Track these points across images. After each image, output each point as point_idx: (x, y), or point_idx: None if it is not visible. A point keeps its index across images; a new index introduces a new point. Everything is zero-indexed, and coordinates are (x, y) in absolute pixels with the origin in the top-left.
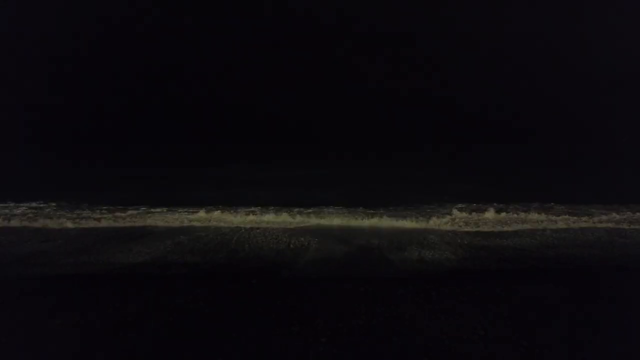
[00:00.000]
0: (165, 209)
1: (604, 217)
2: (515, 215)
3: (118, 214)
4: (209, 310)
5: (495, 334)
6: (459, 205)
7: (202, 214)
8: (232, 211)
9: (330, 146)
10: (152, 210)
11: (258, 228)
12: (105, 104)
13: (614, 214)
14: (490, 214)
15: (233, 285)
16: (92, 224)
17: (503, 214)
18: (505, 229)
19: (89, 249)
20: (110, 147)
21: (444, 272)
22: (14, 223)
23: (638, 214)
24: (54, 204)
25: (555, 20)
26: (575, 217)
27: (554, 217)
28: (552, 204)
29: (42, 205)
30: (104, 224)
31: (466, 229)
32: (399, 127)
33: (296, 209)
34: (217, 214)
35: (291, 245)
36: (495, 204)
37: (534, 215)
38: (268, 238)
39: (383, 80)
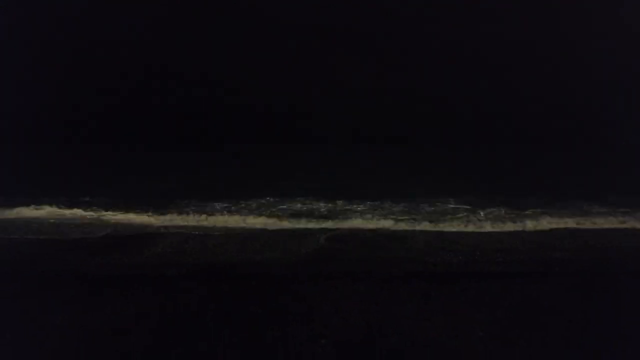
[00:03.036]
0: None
1: (602, 218)
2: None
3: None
4: (208, 310)
5: (494, 334)
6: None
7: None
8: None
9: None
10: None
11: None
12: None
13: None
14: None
15: (232, 285)
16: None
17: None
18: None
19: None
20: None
21: (443, 272)
22: None
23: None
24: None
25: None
26: (575, 217)
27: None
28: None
29: None
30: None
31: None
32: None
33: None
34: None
35: (292, 246)
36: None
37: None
38: (267, 239)
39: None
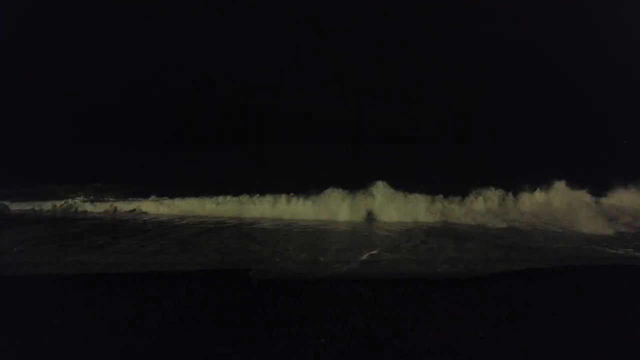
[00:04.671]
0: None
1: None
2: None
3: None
4: (207, 310)
5: (494, 335)
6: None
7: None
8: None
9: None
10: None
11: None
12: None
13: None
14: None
15: (232, 286)
16: None
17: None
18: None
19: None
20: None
21: (443, 272)
22: None
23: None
24: None
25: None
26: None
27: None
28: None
29: None
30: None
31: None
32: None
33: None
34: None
35: (293, 246)
36: None
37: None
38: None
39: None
